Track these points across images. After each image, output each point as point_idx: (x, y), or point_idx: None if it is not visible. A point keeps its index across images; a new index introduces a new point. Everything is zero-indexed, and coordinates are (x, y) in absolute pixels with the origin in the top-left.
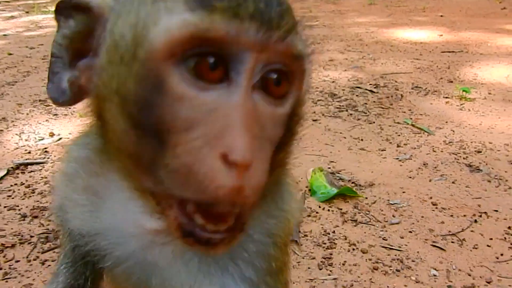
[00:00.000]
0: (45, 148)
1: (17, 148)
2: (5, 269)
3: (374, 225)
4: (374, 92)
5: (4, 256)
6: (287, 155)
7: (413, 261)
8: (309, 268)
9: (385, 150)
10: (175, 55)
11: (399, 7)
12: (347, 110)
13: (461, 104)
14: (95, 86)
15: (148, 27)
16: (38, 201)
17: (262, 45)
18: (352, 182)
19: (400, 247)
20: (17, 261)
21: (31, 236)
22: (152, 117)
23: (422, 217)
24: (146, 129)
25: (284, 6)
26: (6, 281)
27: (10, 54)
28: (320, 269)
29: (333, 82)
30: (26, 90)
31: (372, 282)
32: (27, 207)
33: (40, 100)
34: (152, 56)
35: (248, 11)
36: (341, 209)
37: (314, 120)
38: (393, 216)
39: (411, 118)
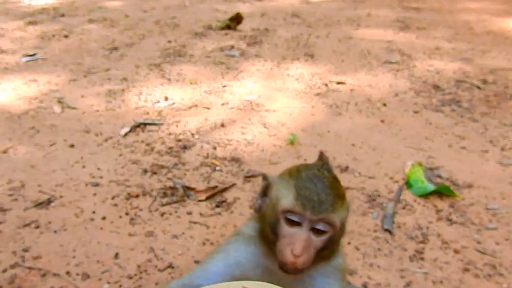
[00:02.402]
0: (161, 110)
1: (137, 108)
2: (131, 216)
3: (469, 227)
4: (481, 88)
5: (130, 204)
6: (330, 252)
7: (506, 268)
8: (400, 258)
9: (487, 152)
10: (284, 213)
11: None
12: (450, 105)
13: None
14: (264, 208)
15: (279, 199)
16: (156, 159)
17: (311, 218)
18: (450, 181)
19: (494, 253)
20: (140, 210)
21: (152, 190)
22: (273, 228)
23: None
24: (272, 231)
25: (327, 201)
26: (133, 226)
27: (127, 16)
28: (412, 261)
29: (437, 73)
30: (142, 53)
31: (461, 282)
32: (147, 163)
33: (155, 64)
34: (278, 211)
35: (309, 206)
36: (436, 206)
37: (415, 112)
38: (490, 221)
39: None
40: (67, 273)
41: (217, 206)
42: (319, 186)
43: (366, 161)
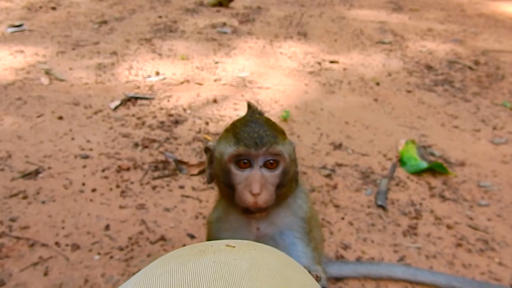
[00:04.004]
0: (152, 85)
1: (127, 82)
2: (122, 188)
3: (461, 203)
4: (473, 69)
5: (121, 177)
6: (288, 187)
7: (498, 243)
8: (394, 233)
9: (479, 131)
10: (231, 161)
11: None
12: (442, 85)
13: None
14: (215, 173)
15: (223, 153)
16: (147, 133)
17: (258, 154)
18: (443, 159)
19: (486, 228)
20: (131, 183)
21: (143, 163)
22: (228, 181)
23: None
24: (228, 186)
25: (267, 135)
26: (124, 198)
27: None
28: (405, 236)
29: (430, 53)
30: (132, 28)
31: (454, 257)
32: (138, 136)
33: (145, 39)
34: (225, 162)
35: (251, 143)
36: (429, 183)
37: (408, 91)
38: (482, 198)
39: (510, 101)
40: (56, 243)
41: None
42: (255, 126)
43: (360, 138)
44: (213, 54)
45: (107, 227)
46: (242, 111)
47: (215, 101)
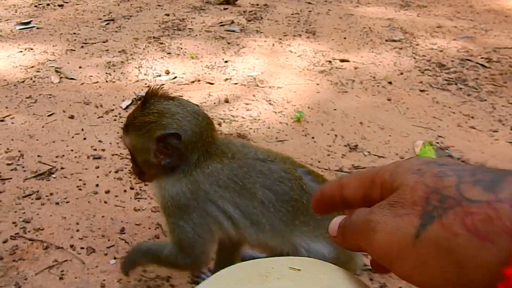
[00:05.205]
0: (162, 84)
1: (137, 81)
2: (136, 190)
3: None
4: (486, 67)
5: (134, 178)
6: (148, 170)
7: None
8: None
9: (497, 131)
10: None
11: None
12: (456, 84)
13: None
14: None
15: None
16: None
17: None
18: (461, 161)
19: None
20: (145, 184)
21: None
22: None
23: None
24: None
25: (125, 125)
26: (138, 200)
27: None
28: None
29: (441, 51)
30: (140, 26)
31: None
32: None
33: (154, 37)
34: None
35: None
36: None
37: (421, 91)
38: None
39: None
40: (71, 246)
41: None
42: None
43: (375, 140)
44: (222, 53)
45: (122, 230)
46: (255, 111)
47: (226, 101)
